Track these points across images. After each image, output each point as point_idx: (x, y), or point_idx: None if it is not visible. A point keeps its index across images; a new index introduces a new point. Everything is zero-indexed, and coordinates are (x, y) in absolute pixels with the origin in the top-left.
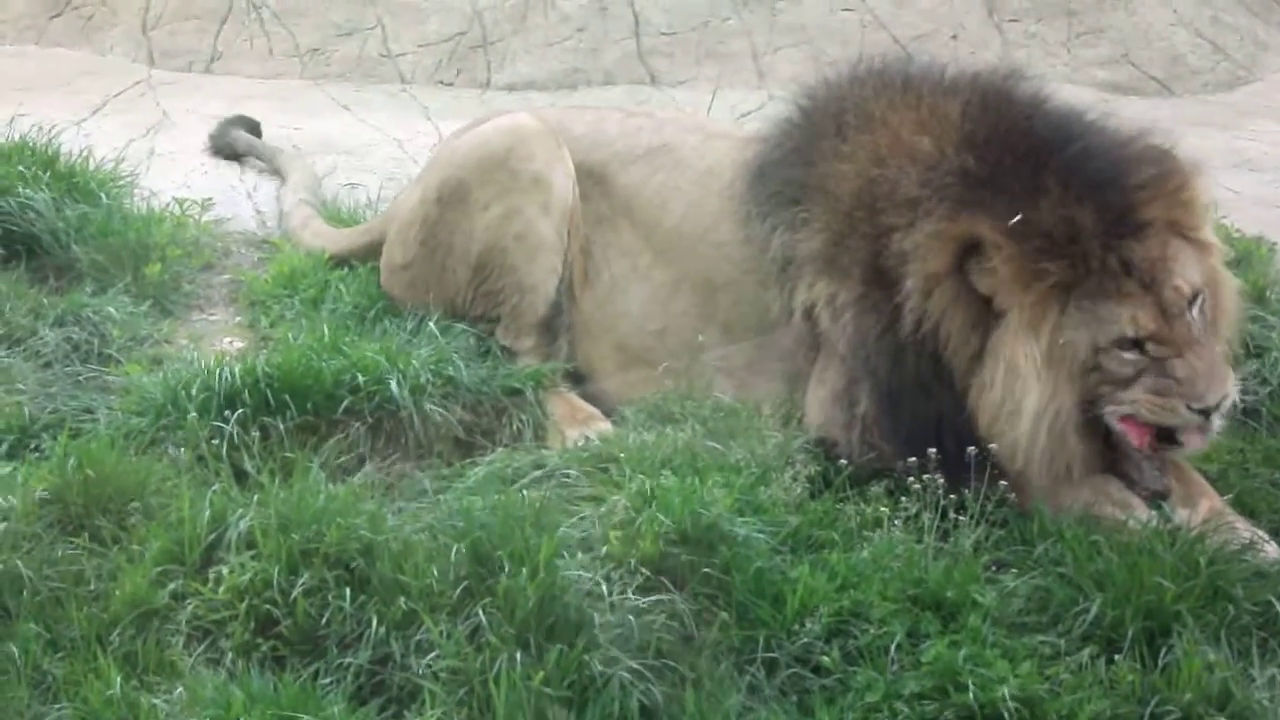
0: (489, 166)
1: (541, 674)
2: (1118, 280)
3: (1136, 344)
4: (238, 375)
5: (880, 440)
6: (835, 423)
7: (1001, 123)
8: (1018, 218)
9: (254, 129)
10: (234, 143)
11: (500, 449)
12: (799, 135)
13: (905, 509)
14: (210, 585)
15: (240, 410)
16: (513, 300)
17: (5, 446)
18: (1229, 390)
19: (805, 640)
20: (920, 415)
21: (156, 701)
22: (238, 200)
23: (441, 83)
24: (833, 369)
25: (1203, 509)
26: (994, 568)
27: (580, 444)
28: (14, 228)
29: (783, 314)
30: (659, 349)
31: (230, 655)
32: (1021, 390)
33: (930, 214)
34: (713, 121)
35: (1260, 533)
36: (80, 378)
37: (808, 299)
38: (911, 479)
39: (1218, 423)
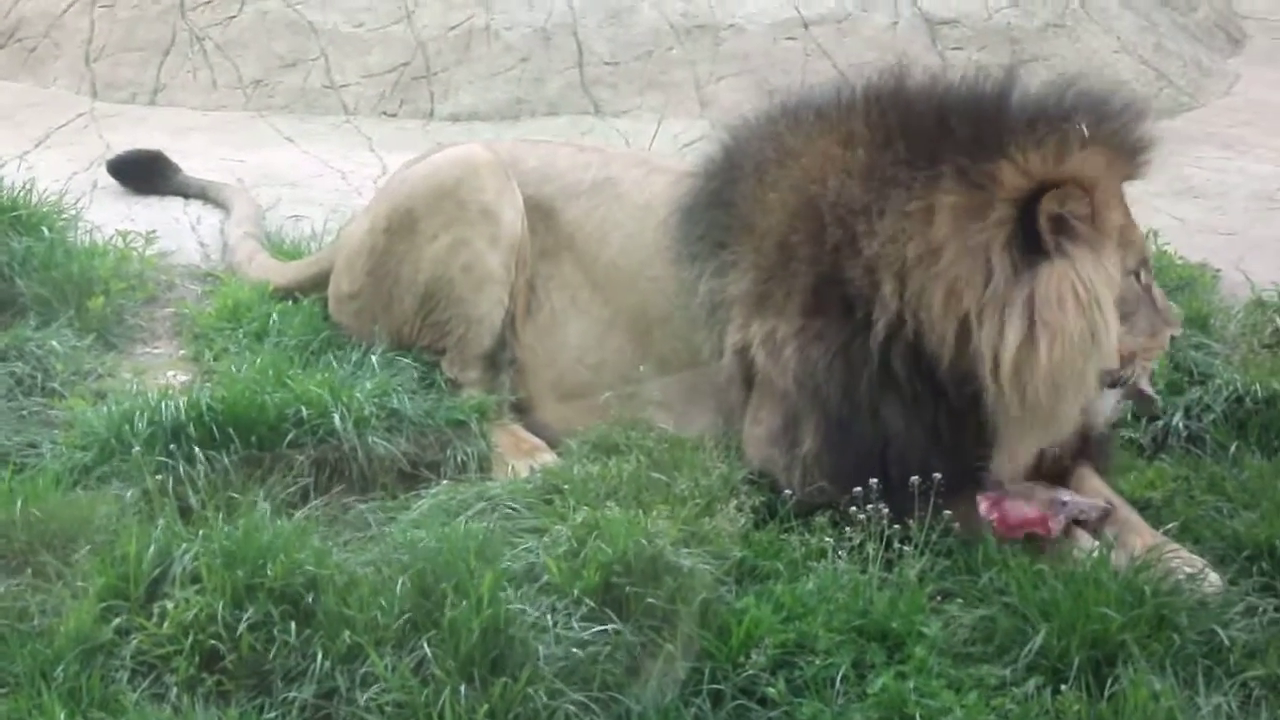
0: (438, 197)
1: (486, 707)
2: (1130, 215)
3: (1137, 273)
4: (182, 409)
5: (822, 478)
6: (775, 463)
7: (910, 110)
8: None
9: (155, 163)
10: (185, 185)
11: (445, 481)
12: (721, 176)
13: (850, 539)
14: (155, 620)
15: (185, 444)
16: (459, 331)
17: None
18: None
19: (751, 672)
20: (869, 444)
21: None
22: (181, 233)
23: (385, 114)
24: (767, 408)
25: (1140, 540)
26: (939, 598)
27: (525, 475)
28: None
29: (713, 355)
30: (596, 383)
31: (175, 690)
32: (1102, 320)
33: (897, 199)
34: (660, 157)
35: (1200, 561)
36: (24, 412)
37: (739, 340)
38: (855, 509)
39: None
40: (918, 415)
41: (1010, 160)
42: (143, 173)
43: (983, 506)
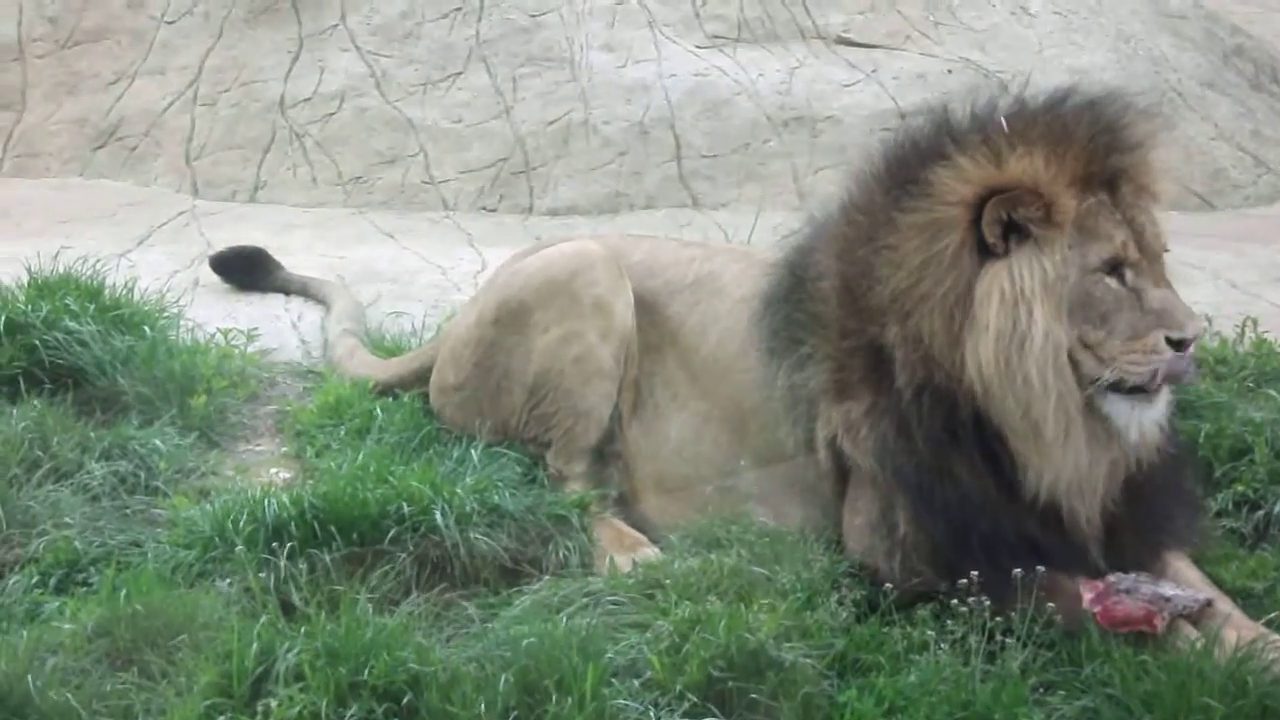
0: (552, 290)
1: None
2: (1103, 214)
3: (1117, 270)
4: (284, 506)
5: (921, 563)
6: (876, 551)
7: (896, 153)
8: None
9: (257, 259)
10: (286, 282)
11: (546, 577)
12: (793, 271)
13: (951, 632)
14: (259, 718)
15: (287, 542)
16: (566, 424)
17: (54, 580)
18: (1203, 324)
19: None
20: (953, 508)
21: None
22: (282, 330)
23: (484, 209)
24: (864, 497)
25: (1239, 634)
26: (1042, 689)
27: (626, 570)
28: (60, 360)
29: (797, 449)
30: (695, 476)
31: None
32: (1027, 316)
33: (880, 237)
34: (763, 250)
35: None
36: (127, 510)
37: (828, 432)
38: (956, 601)
39: (1194, 368)
40: (973, 465)
41: (947, 167)
42: (245, 269)
43: (1087, 599)
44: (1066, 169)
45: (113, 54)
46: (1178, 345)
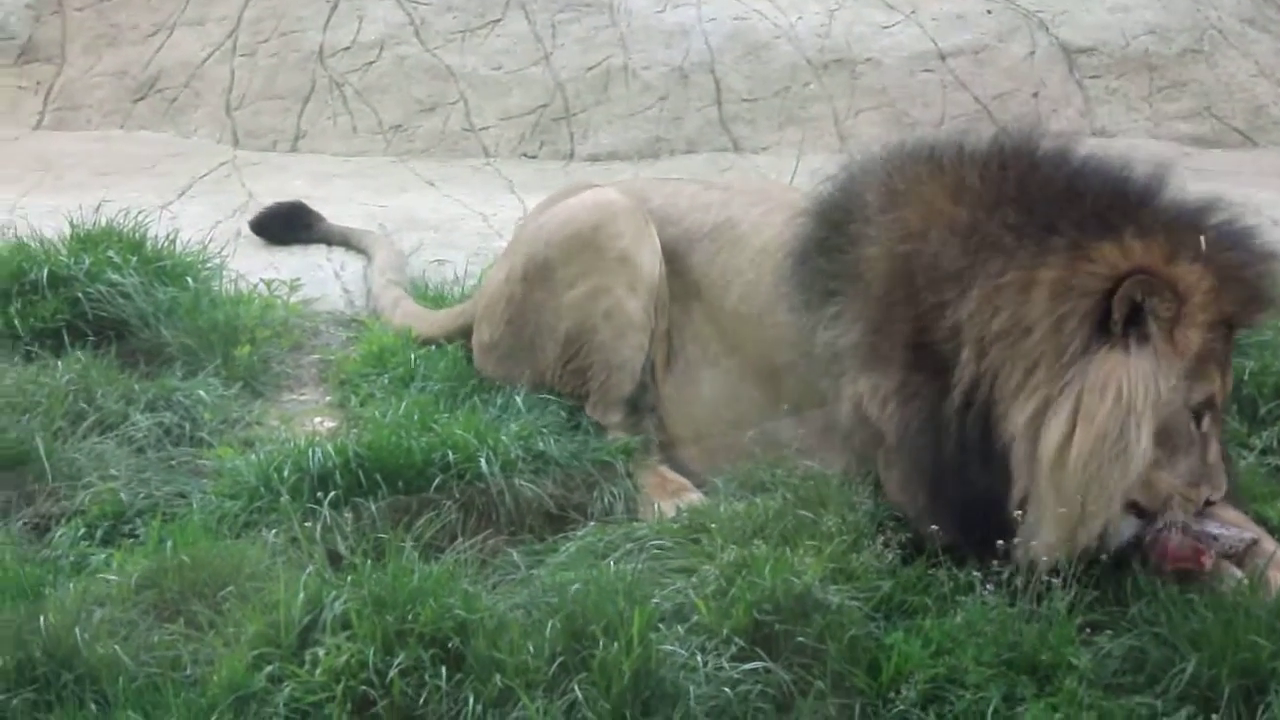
0: (576, 244)
1: None
2: (1214, 355)
3: (1200, 414)
4: (329, 455)
5: (942, 529)
6: (907, 509)
7: (1034, 173)
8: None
9: (296, 214)
10: (328, 234)
11: (592, 523)
12: (831, 219)
13: (997, 573)
14: (307, 668)
15: (332, 491)
16: (601, 377)
17: (100, 532)
18: None
19: (902, 707)
20: (957, 504)
21: None
22: (325, 280)
23: (525, 155)
24: (894, 453)
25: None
26: (1089, 629)
27: (671, 515)
28: (103, 313)
29: (835, 400)
30: (731, 431)
31: None
32: (1135, 430)
33: (994, 267)
34: (781, 188)
35: None
36: (173, 462)
37: (853, 394)
38: (1001, 543)
39: None
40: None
41: (1117, 243)
42: (285, 225)
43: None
44: (1218, 307)
45: (151, 6)
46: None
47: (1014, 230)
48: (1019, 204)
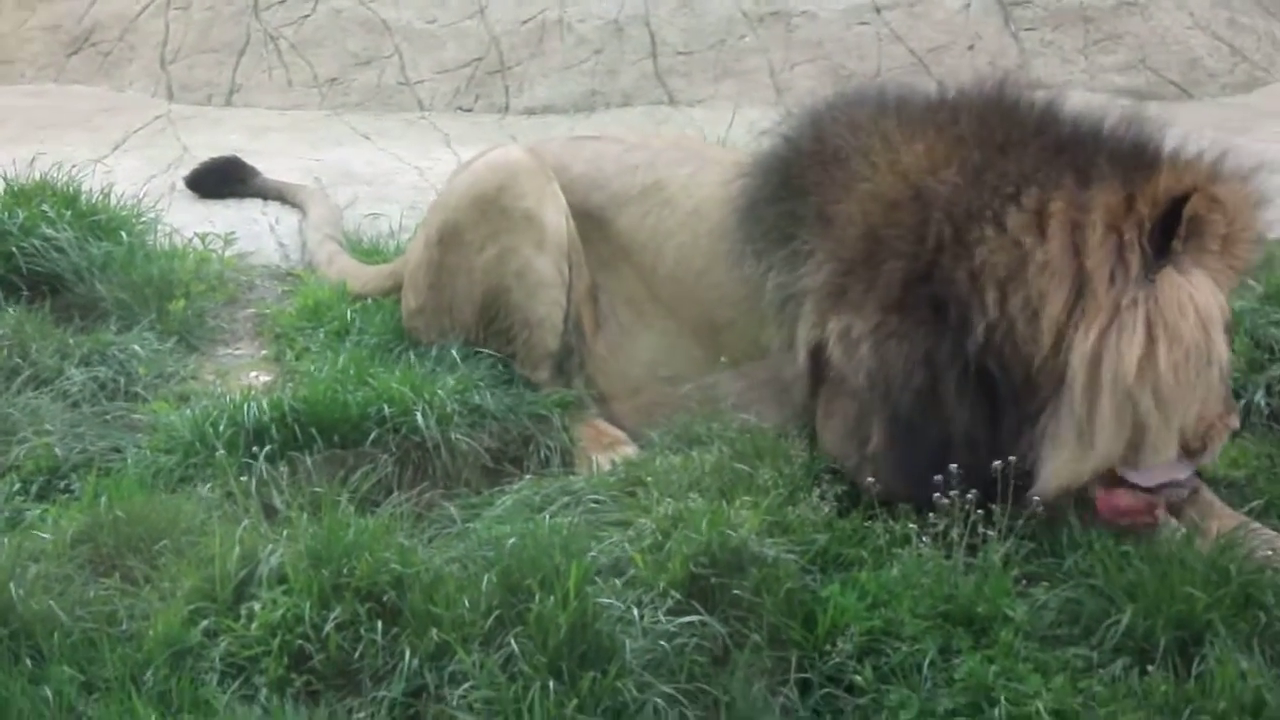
0: (481, 207)
1: (575, 702)
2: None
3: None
4: (265, 410)
5: (889, 477)
6: (848, 458)
7: (1033, 119)
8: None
9: (232, 168)
10: (263, 188)
11: (528, 476)
12: (788, 167)
13: (933, 525)
14: (242, 622)
15: (268, 445)
16: (522, 336)
17: (35, 487)
18: None
19: (838, 660)
20: (936, 446)
21: None
22: (260, 234)
23: (460, 109)
24: (839, 402)
25: (1220, 523)
26: (1024, 581)
27: (607, 469)
28: (38, 267)
29: (782, 350)
30: (672, 394)
31: (264, 691)
32: (1217, 340)
33: (1024, 205)
34: (711, 148)
35: None
36: (108, 417)
37: (813, 336)
38: (938, 495)
39: None
40: (988, 422)
41: (1171, 166)
42: (220, 181)
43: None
44: (1259, 226)
45: None
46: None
47: (1044, 166)
48: (1033, 144)
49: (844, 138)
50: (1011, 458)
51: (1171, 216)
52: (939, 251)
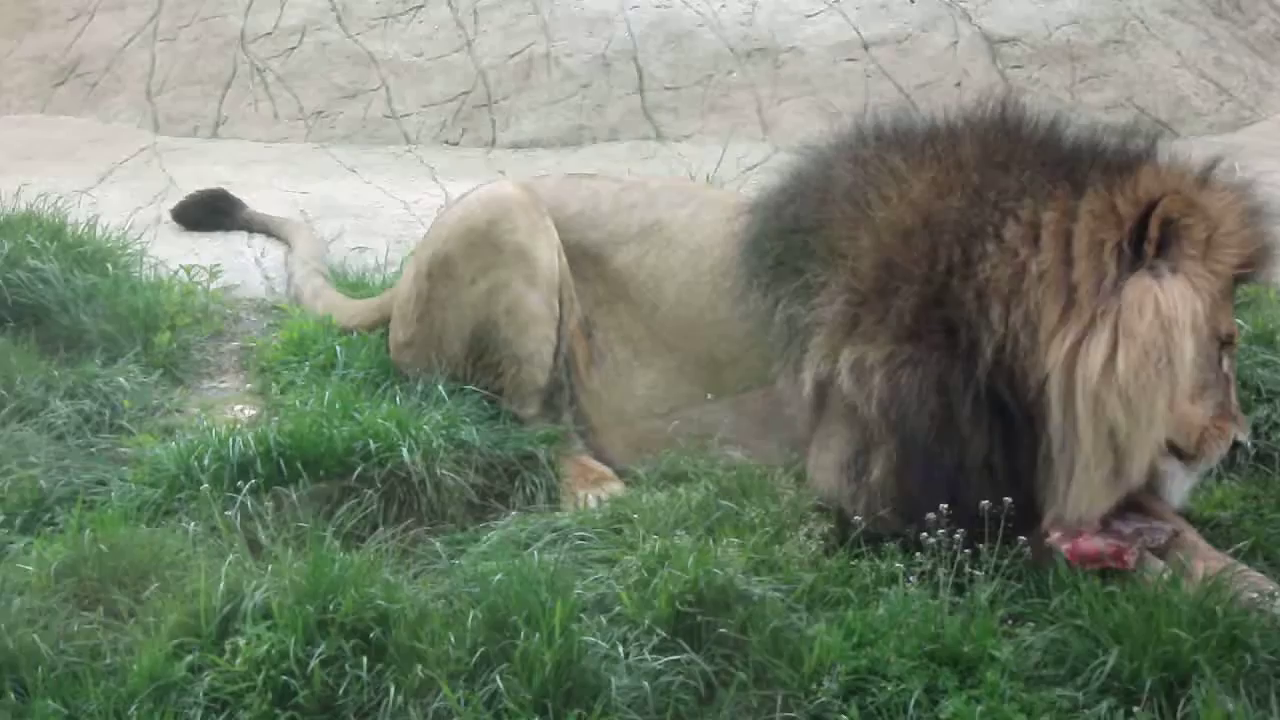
0: (472, 241)
1: None
2: (1231, 298)
3: (1225, 349)
4: (249, 444)
5: (885, 508)
6: (841, 491)
7: (1034, 137)
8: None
9: (218, 201)
10: (249, 222)
11: (514, 512)
12: (795, 202)
13: (920, 565)
14: (227, 657)
15: (253, 479)
16: (511, 371)
17: (19, 520)
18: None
19: (823, 699)
20: (945, 474)
21: None
22: (245, 266)
23: (447, 142)
24: (838, 435)
25: (1205, 565)
26: (1010, 621)
27: (593, 505)
28: (23, 299)
29: (787, 383)
30: (668, 428)
31: None
32: (1180, 340)
33: (1020, 217)
34: (707, 188)
35: (1271, 584)
36: (93, 449)
37: (824, 368)
38: (926, 534)
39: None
40: (1004, 447)
41: (1150, 173)
42: (208, 213)
43: (1054, 537)
44: (1247, 234)
45: None
46: (1234, 447)
47: (1040, 179)
48: (1032, 160)
49: (854, 173)
50: (1008, 499)
51: (1146, 219)
52: (949, 274)
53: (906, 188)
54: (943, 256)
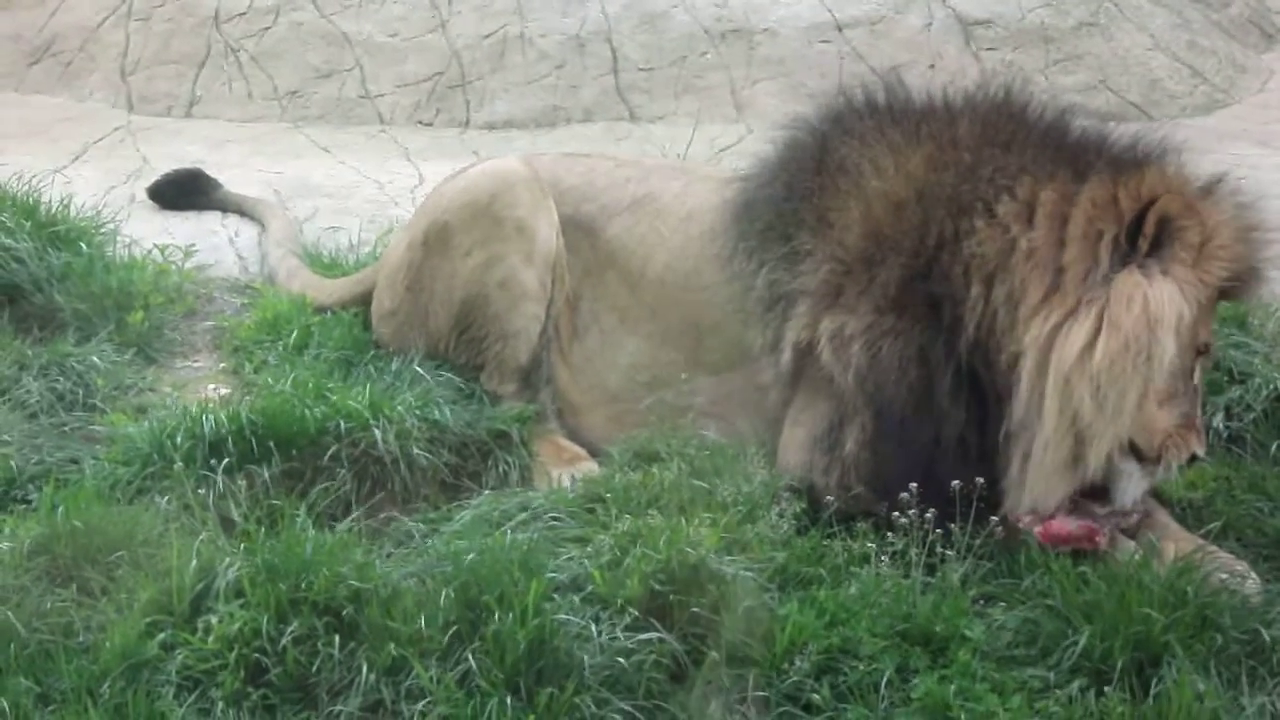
0: (473, 212)
1: (533, 717)
2: (1213, 310)
3: (1199, 360)
4: (222, 423)
5: (861, 483)
6: (814, 466)
7: (1040, 123)
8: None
9: (194, 180)
10: (223, 201)
11: (487, 492)
12: (788, 171)
13: (892, 544)
14: (199, 635)
15: (226, 458)
16: (495, 347)
17: None
18: None
19: (795, 678)
20: (920, 448)
21: None
22: (219, 246)
23: (421, 123)
24: (812, 409)
25: (1176, 546)
26: (982, 601)
27: (566, 485)
28: None
29: (764, 351)
30: (649, 398)
31: (221, 705)
32: (1164, 338)
33: (1017, 195)
34: (701, 166)
35: (1242, 565)
36: (66, 428)
37: (804, 336)
38: (898, 514)
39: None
40: (979, 425)
41: (1157, 172)
42: (183, 192)
43: (1025, 520)
44: (1240, 249)
45: None
46: (1190, 460)
47: (1043, 160)
48: (1036, 143)
49: (849, 145)
50: (980, 479)
51: (1144, 215)
52: (939, 248)
53: (903, 160)
54: (933, 230)
